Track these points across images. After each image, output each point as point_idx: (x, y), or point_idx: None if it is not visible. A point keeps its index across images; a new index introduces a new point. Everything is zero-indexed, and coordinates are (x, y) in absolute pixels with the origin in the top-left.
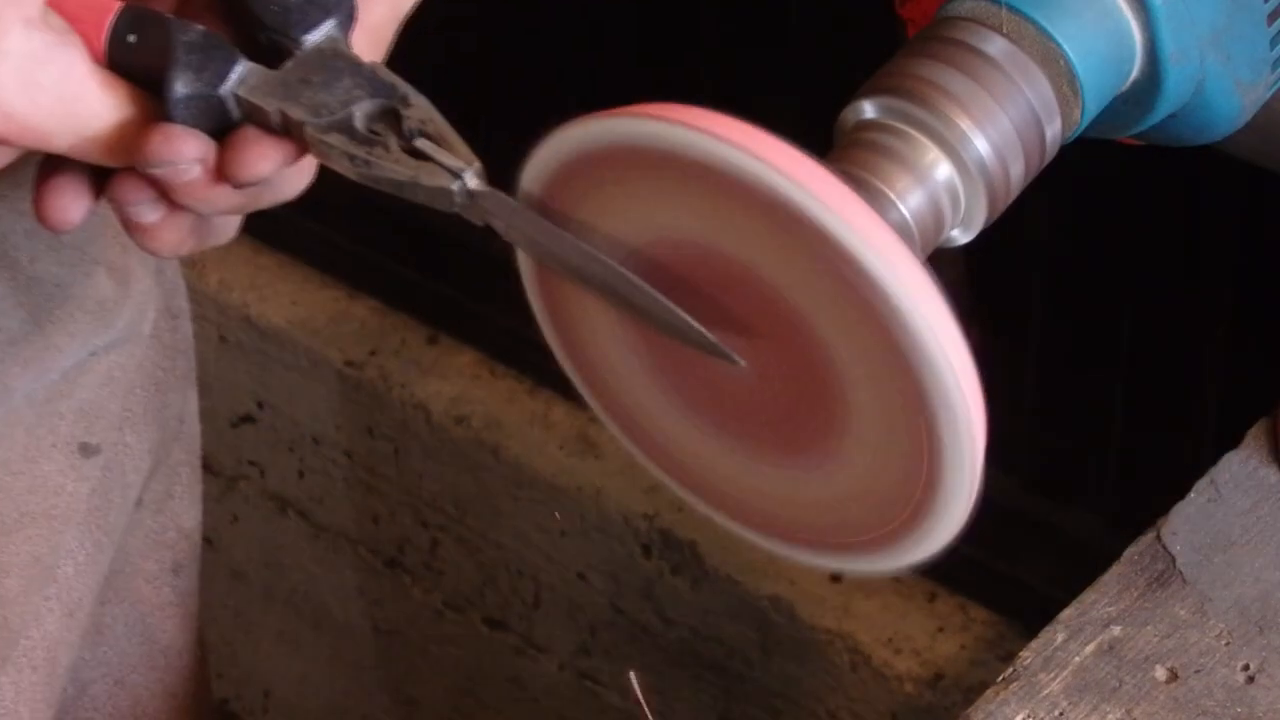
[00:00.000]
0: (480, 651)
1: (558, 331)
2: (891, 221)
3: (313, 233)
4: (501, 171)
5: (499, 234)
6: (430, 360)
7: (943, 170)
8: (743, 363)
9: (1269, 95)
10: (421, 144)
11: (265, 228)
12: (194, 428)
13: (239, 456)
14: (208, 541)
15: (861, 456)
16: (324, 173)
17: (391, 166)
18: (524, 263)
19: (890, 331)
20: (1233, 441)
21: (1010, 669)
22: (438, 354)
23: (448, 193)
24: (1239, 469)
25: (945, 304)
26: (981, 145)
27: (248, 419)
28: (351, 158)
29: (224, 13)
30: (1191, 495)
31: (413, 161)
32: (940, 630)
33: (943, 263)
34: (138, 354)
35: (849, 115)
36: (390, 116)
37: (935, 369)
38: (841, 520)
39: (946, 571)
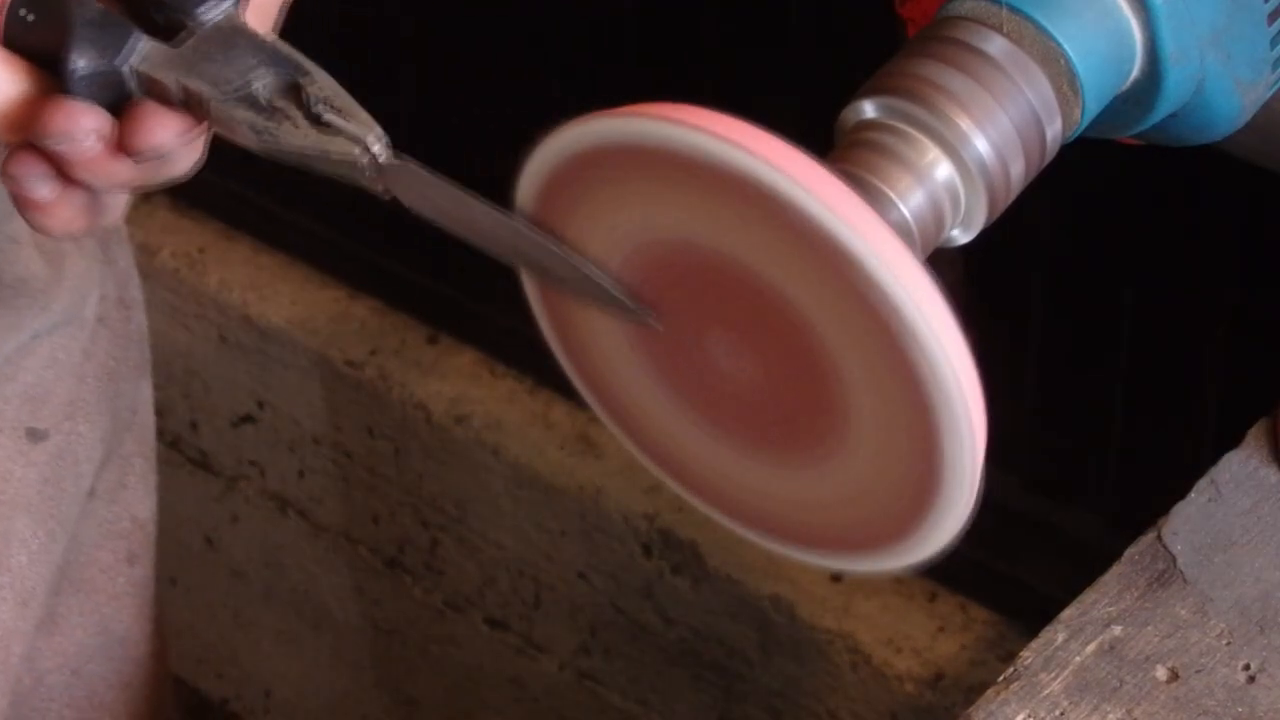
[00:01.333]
0: (480, 651)
1: (558, 333)
2: (892, 221)
3: (313, 233)
4: (500, 171)
5: (405, 205)
6: (430, 360)
7: (943, 170)
8: (659, 325)
9: (1269, 95)
10: (326, 115)
11: (265, 228)
12: (147, 418)
13: (239, 456)
14: (208, 541)
15: (862, 456)
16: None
17: (296, 138)
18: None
19: (890, 331)
20: (1233, 441)
21: (1011, 669)
22: (438, 354)
23: (354, 163)
24: (1239, 469)
25: (945, 304)
26: (982, 145)
27: (248, 419)
28: (256, 129)
29: None
30: (1192, 495)
31: (318, 133)
32: (940, 630)
33: (943, 263)
34: (82, 339)
35: (849, 115)
36: (292, 90)
37: (935, 369)
38: (841, 520)
39: (947, 571)
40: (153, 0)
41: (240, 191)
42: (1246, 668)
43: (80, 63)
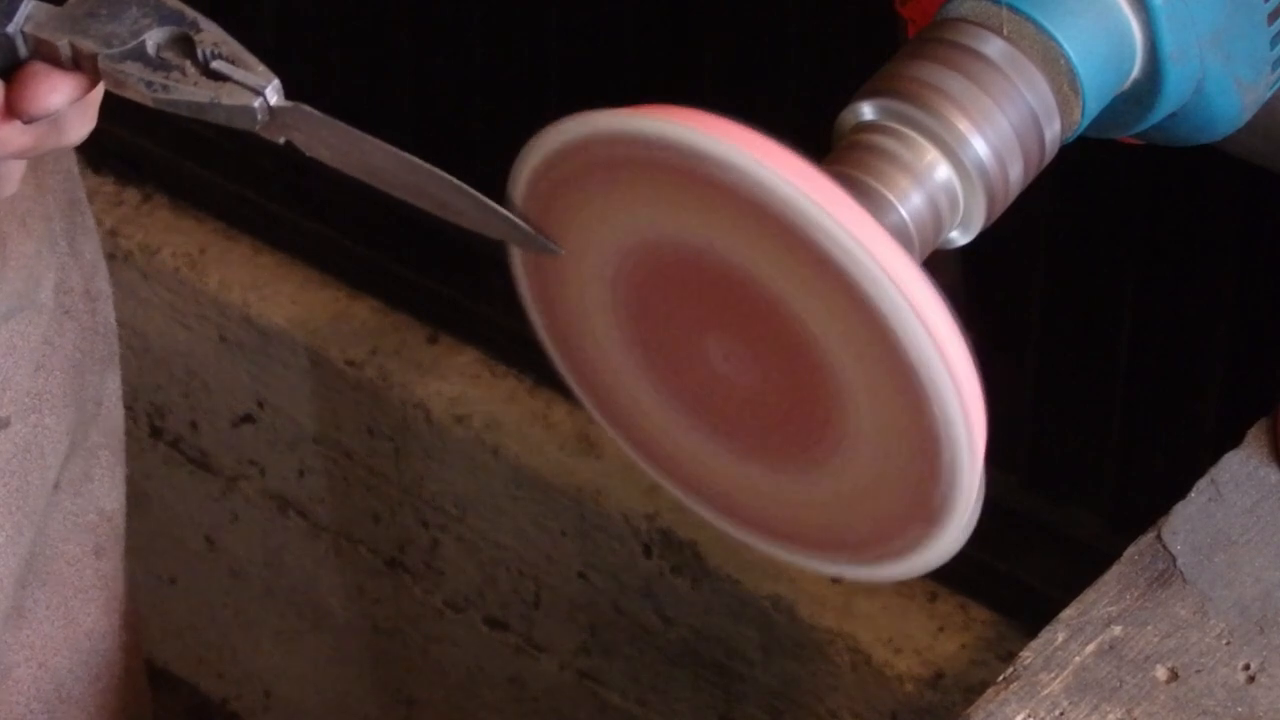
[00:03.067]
0: (480, 651)
1: (554, 336)
2: (890, 223)
3: (313, 233)
4: (500, 171)
5: (300, 149)
6: (430, 360)
7: (941, 172)
8: (561, 250)
9: (1269, 95)
10: (218, 65)
11: (265, 228)
12: (115, 410)
13: (239, 456)
14: (208, 541)
15: (861, 459)
16: (323, 172)
17: (190, 89)
18: (519, 271)
19: (888, 333)
20: (1233, 441)
21: (1011, 669)
22: (438, 354)
23: (249, 110)
24: (1239, 469)
25: (944, 306)
26: (980, 147)
27: (248, 419)
28: (149, 84)
29: None
30: (1192, 495)
31: (212, 83)
32: (941, 630)
33: (941, 264)
34: (42, 326)
35: (847, 117)
36: (183, 43)
37: (934, 371)
38: (841, 523)
39: (947, 571)
40: None
41: (240, 191)
42: (1246, 668)
43: None
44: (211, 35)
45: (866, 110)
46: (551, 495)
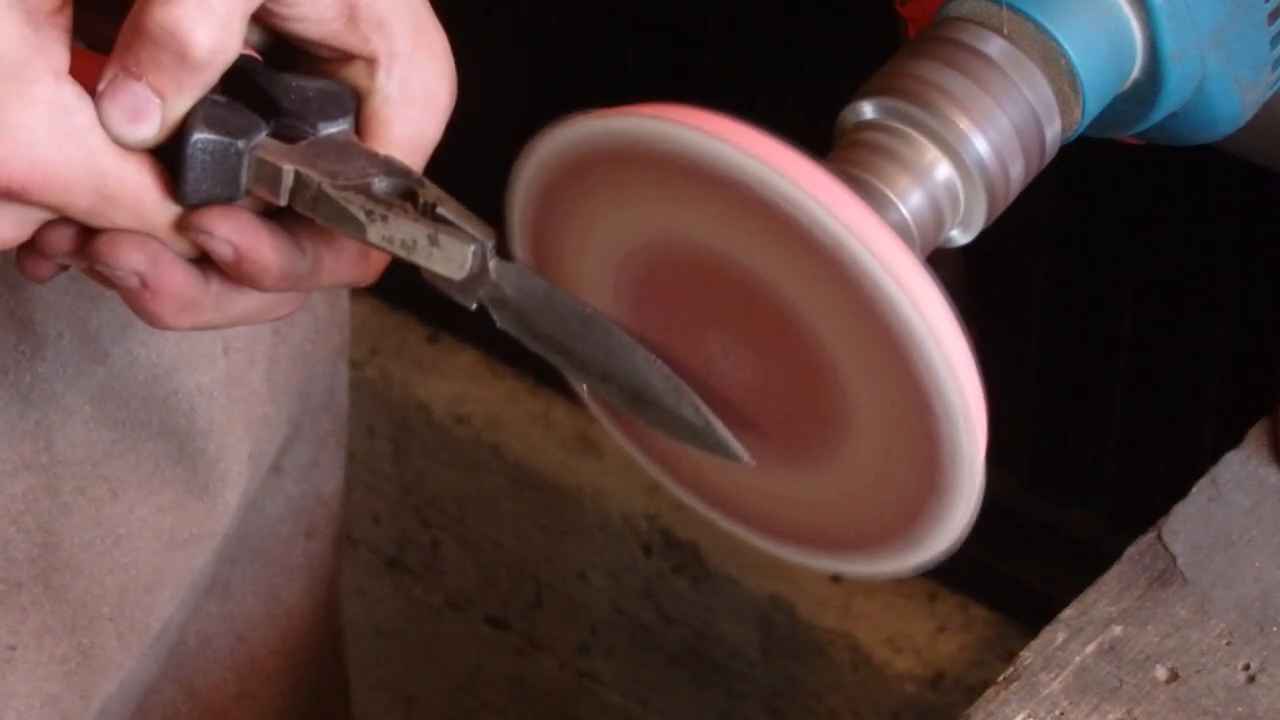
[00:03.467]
0: (481, 651)
1: None
2: (891, 222)
3: None
4: (499, 171)
5: (493, 314)
6: (430, 360)
7: (942, 171)
8: (751, 461)
9: (1269, 95)
10: (441, 211)
11: None
12: (342, 397)
13: None
14: None
15: (862, 457)
16: None
17: (408, 224)
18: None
19: (890, 332)
20: (1233, 441)
21: (1011, 669)
22: (438, 353)
23: (463, 252)
24: (1239, 469)
25: (945, 304)
26: (981, 146)
27: None
28: (369, 212)
29: (241, 96)
30: (1192, 495)
31: (431, 223)
32: (941, 630)
33: (942, 263)
34: (280, 326)
35: (848, 116)
36: (408, 194)
37: (935, 369)
38: (842, 521)
39: (947, 571)
40: (272, 106)
41: None
42: (1246, 667)
43: (200, 135)
44: (435, 192)
45: (867, 109)
46: (551, 495)
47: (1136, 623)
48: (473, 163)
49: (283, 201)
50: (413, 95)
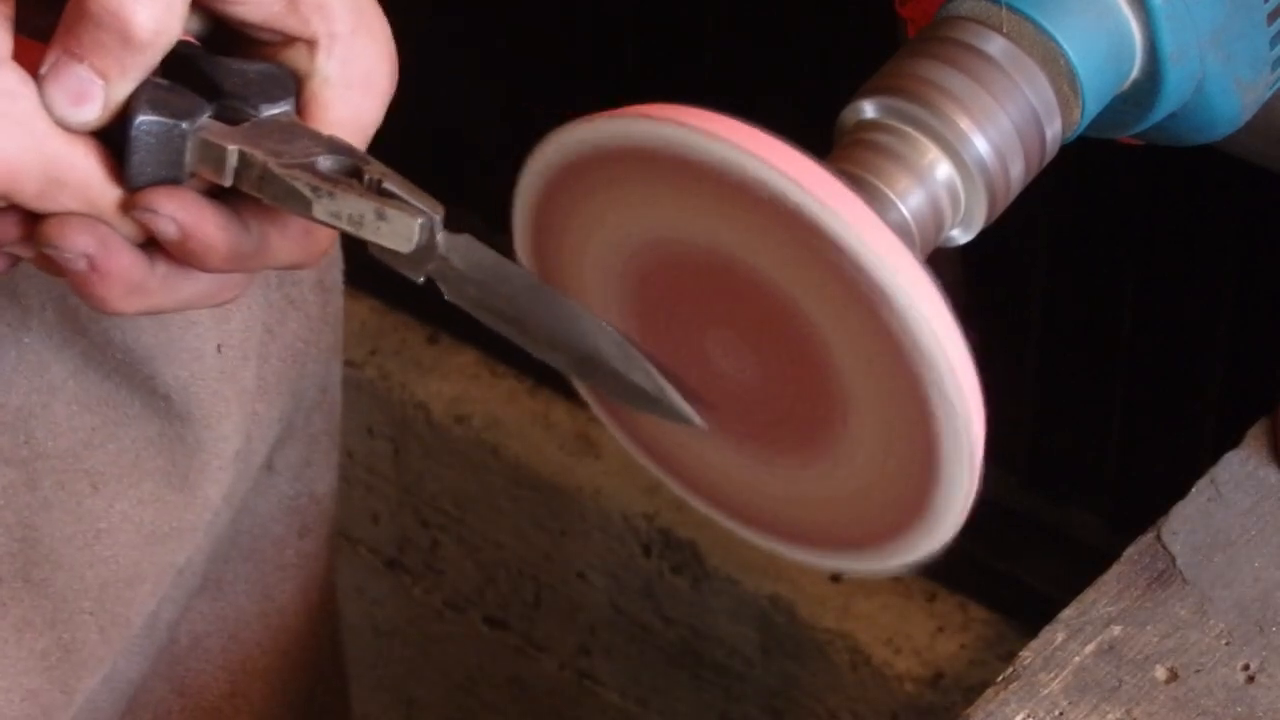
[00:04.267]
0: (480, 651)
1: None
2: (891, 221)
3: None
4: (499, 171)
5: (440, 287)
6: (430, 360)
7: (943, 170)
8: (704, 425)
9: (1269, 95)
10: (388, 186)
11: None
12: (336, 396)
13: None
14: None
15: (860, 455)
16: None
17: (355, 199)
18: (523, 265)
19: (890, 331)
20: (1233, 441)
21: (1010, 669)
22: (438, 354)
23: (410, 226)
24: (1239, 469)
25: (944, 303)
26: (981, 145)
27: None
28: (315, 189)
29: (183, 80)
30: (1192, 495)
31: (378, 198)
32: (940, 630)
33: (942, 262)
34: (264, 316)
35: (849, 115)
36: (354, 171)
37: (935, 368)
38: (840, 518)
39: (946, 571)
40: (214, 89)
41: None
42: (1246, 668)
43: (144, 117)
44: (380, 168)
45: (868, 108)
46: (551, 495)
47: (1136, 623)
48: (473, 163)
49: (227, 181)
50: (353, 77)
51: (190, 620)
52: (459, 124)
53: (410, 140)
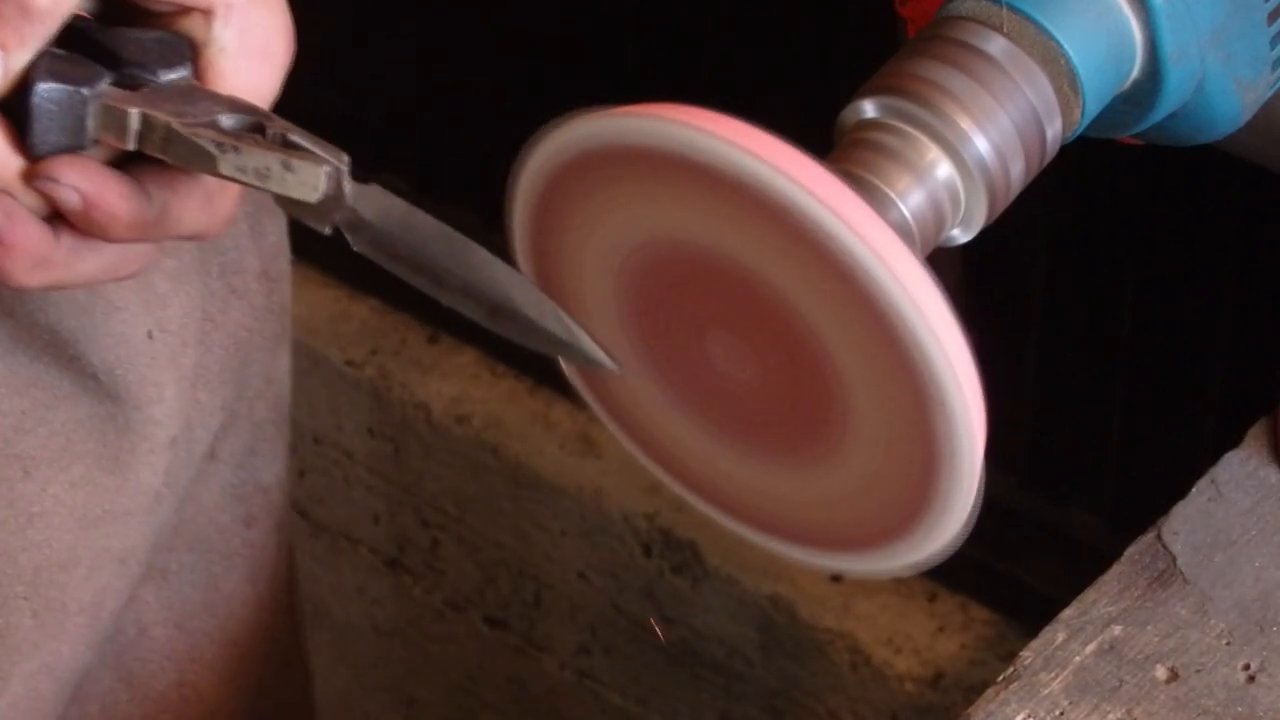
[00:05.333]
0: (480, 651)
1: None
2: (892, 221)
3: (313, 233)
4: (500, 172)
5: (349, 238)
6: (430, 360)
7: (943, 170)
8: (620, 369)
9: (1269, 95)
10: (294, 138)
11: None
12: (283, 387)
13: None
14: None
15: (861, 456)
16: None
17: (261, 152)
18: (519, 266)
19: (890, 330)
20: (1233, 441)
21: (1011, 668)
22: (438, 354)
23: (316, 175)
24: (1239, 468)
25: (945, 303)
26: (982, 145)
27: None
28: (219, 144)
29: (81, 51)
30: (1192, 495)
31: (284, 149)
32: (940, 630)
33: (942, 262)
34: (203, 304)
35: (849, 115)
36: (257, 127)
37: (935, 368)
38: (842, 519)
39: (946, 571)
40: (112, 58)
41: None
42: (1246, 667)
43: (44, 85)
44: (283, 123)
45: (868, 108)
46: (551, 495)
47: (1136, 622)
48: (473, 163)
49: (131, 145)
50: (250, 46)
51: (136, 609)
52: (459, 124)
53: (410, 140)
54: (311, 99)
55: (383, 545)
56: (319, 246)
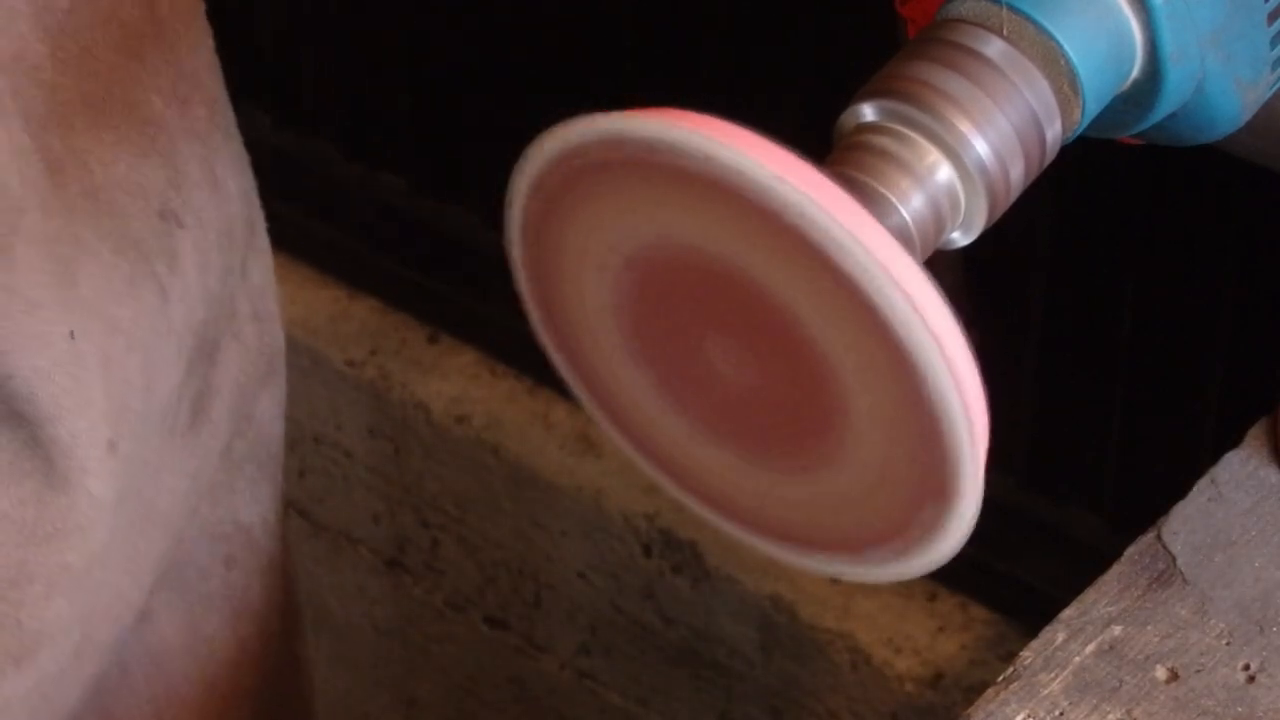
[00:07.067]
0: (480, 651)
1: (554, 338)
2: (891, 224)
3: (313, 232)
4: (499, 172)
5: None
6: (430, 360)
7: (943, 173)
8: None
9: (1269, 95)
10: None
11: (265, 227)
12: (270, 425)
13: None
14: None
15: (862, 460)
16: (322, 171)
17: None
18: (519, 271)
19: (890, 334)
20: (1233, 441)
21: (1010, 669)
22: (438, 354)
23: None
24: (1239, 468)
25: (945, 306)
26: (981, 148)
27: None
28: None
29: None
30: (1192, 495)
31: None
32: (940, 630)
33: (942, 265)
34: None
35: (848, 118)
36: None
37: (935, 371)
38: (842, 524)
39: (946, 571)
40: None
41: None
42: (1246, 668)
43: None
44: None
45: (867, 111)
46: (551, 495)
47: (1136, 623)
48: (472, 163)
49: None
50: None
51: (120, 651)
52: (458, 124)
53: (409, 140)
54: (311, 98)
55: (383, 545)
56: (319, 247)
